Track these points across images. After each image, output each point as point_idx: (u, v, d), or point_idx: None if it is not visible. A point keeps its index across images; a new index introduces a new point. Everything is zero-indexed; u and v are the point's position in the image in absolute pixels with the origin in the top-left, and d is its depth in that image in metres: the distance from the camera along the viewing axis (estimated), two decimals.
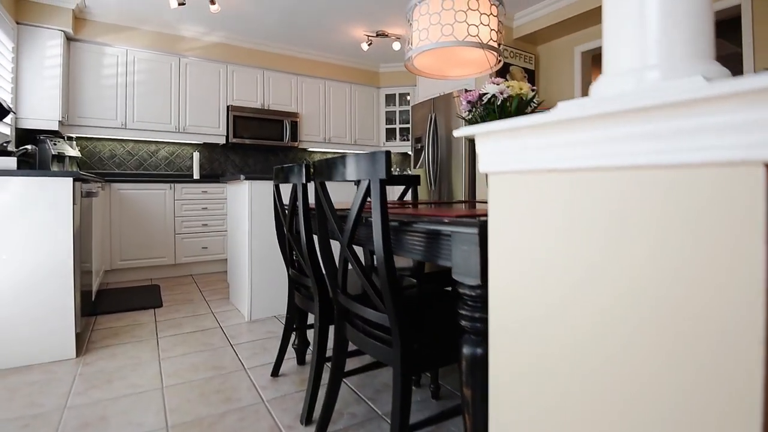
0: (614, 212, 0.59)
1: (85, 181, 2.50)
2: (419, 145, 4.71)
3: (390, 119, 5.77)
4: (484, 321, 0.96)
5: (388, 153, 1.14)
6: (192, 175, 4.59)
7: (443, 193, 4.37)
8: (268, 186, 2.89)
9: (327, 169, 1.36)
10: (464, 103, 2.03)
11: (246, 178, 2.77)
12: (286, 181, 1.73)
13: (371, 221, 1.14)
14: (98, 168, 4.28)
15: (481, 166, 0.83)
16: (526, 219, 0.74)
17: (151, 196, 3.97)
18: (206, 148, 4.83)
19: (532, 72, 4.40)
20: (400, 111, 5.70)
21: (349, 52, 5.14)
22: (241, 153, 5.06)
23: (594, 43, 3.89)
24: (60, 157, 3.76)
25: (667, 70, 0.60)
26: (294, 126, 4.97)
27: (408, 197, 4.82)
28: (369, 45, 4.50)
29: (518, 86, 1.93)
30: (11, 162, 2.06)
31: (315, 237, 1.59)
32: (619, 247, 0.58)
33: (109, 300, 3.20)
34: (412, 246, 1.19)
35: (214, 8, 3.52)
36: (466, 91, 3.65)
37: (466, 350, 0.99)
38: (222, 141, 4.64)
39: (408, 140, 5.71)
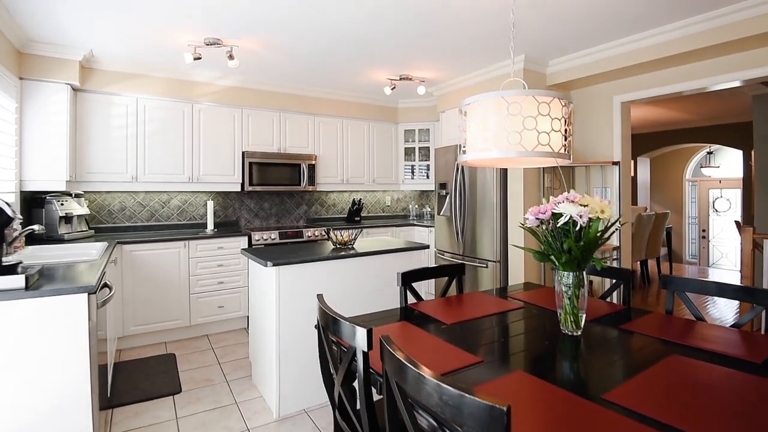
0: None
1: (101, 285, 2.27)
2: (444, 191, 4.47)
3: (409, 155, 5.52)
4: None
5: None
6: (206, 224, 4.36)
7: (470, 243, 4.13)
8: (298, 271, 2.65)
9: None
10: (531, 217, 1.79)
11: (273, 264, 2.54)
12: (336, 334, 1.48)
13: None
14: (107, 222, 4.06)
15: None
16: None
17: (164, 255, 3.74)
18: (220, 195, 4.60)
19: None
20: (419, 147, 5.46)
21: (369, 91, 4.89)
22: (256, 198, 4.83)
23: (634, 94, 3.64)
24: (68, 218, 3.53)
25: None
26: (311, 169, 4.73)
27: (453, 286, 4.55)
28: (393, 89, 4.26)
29: (599, 207, 1.69)
30: (18, 281, 1.82)
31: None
32: None
33: (124, 382, 2.97)
34: None
35: (233, 64, 3.28)
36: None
37: None
38: (237, 188, 4.41)
39: (427, 177, 5.46)
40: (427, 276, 2.34)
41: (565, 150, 1.78)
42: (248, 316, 4.09)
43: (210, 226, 4.27)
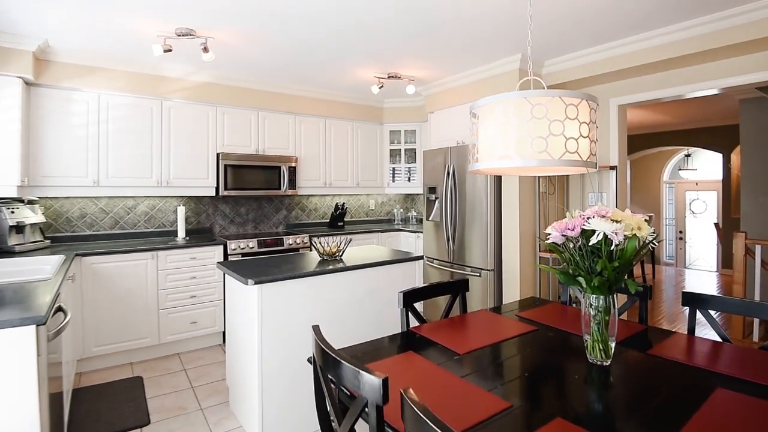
0: None
1: (58, 310, 1.94)
2: (433, 196, 4.26)
3: (394, 156, 5.29)
4: None
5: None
6: (176, 232, 4.01)
7: (461, 251, 3.94)
8: (283, 288, 2.38)
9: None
10: (556, 233, 1.59)
11: (255, 282, 2.26)
12: (338, 379, 1.23)
13: None
14: (66, 230, 3.66)
15: None
16: None
17: (130, 268, 3.39)
18: (192, 200, 4.26)
19: None
20: (406, 149, 5.24)
21: (354, 89, 4.64)
22: (232, 203, 4.50)
23: (631, 97, 3.53)
24: (19, 228, 3.14)
25: None
26: (292, 172, 4.44)
27: (456, 305, 4.33)
28: (380, 88, 4.02)
29: (635, 223, 1.50)
30: None
31: None
32: None
33: (85, 412, 2.63)
34: None
35: (207, 57, 2.97)
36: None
37: None
38: (211, 193, 4.08)
39: (408, 180, 5.25)
40: (429, 294, 2.12)
41: (593, 157, 1.59)
42: (224, 332, 3.78)
43: (181, 233, 3.93)
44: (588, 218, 1.52)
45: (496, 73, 3.70)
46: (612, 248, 1.48)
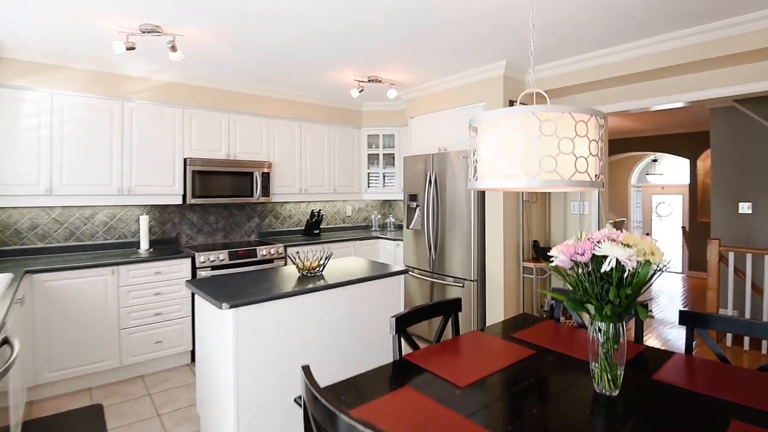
0: None
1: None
2: (414, 203, 4.14)
3: (372, 161, 5.15)
4: None
5: None
6: (139, 243, 3.72)
7: (444, 260, 3.84)
8: (260, 311, 2.19)
9: None
10: (564, 257, 1.49)
11: (230, 306, 2.06)
12: None
13: None
14: (14, 243, 3.32)
15: None
16: None
17: (87, 285, 3.10)
18: (156, 209, 3.97)
19: None
20: (384, 153, 5.10)
21: (332, 92, 4.46)
22: (200, 211, 4.23)
23: (614, 106, 3.51)
24: None
25: None
26: (266, 178, 4.21)
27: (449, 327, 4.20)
28: (360, 91, 3.86)
29: (648, 248, 1.41)
30: None
31: None
32: None
33: None
34: None
35: (175, 56, 2.74)
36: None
37: None
38: (178, 201, 3.81)
39: (384, 186, 5.11)
40: (422, 317, 1.99)
41: (601, 177, 1.50)
42: (192, 351, 3.54)
43: (144, 244, 3.65)
44: (598, 242, 1.43)
45: (480, 78, 3.61)
46: (625, 274, 1.39)
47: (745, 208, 4.45)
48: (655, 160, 8.52)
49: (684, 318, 1.97)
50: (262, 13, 2.52)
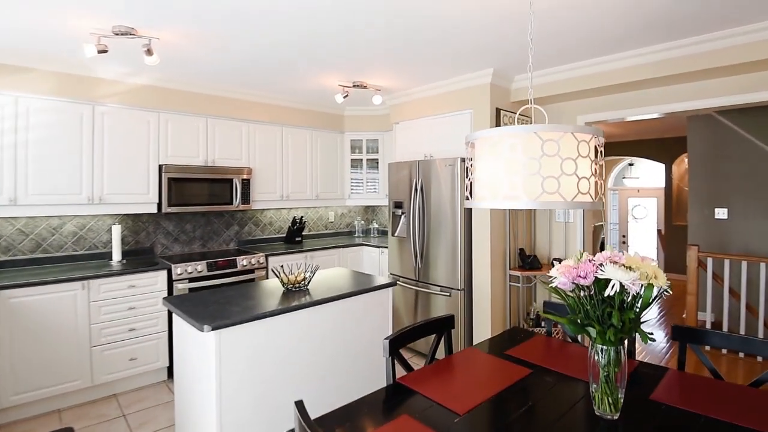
0: None
1: None
2: (399, 210, 4.08)
3: (356, 167, 5.06)
4: None
5: None
6: (111, 254, 3.53)
7: (430, 269, 3.79)
8: (244, 331, 2.09)
9: None
10: (564, 279, 1.44)
11: (213, 327, 1.95)
12: None
13: None
14: None
15: None
16: None
17: (56, 301, 2.92)
18: (129, 218, 3.78)
19: None
20: (368, 159, 5.02)
21: (315, 96, 4.35)
22: (176, 220, 4.06)
23: (598, 115, 3.53)
24: None
25: None
26: (246, 184, 4.08)
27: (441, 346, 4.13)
28: (345, 97, 3.76)
29: (652, 272, 1.38)
30: None
31: None
32: None
33: None
34: None
35: (151, 60, 2.59)
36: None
37: None
38: (153, 210, 3.63)
39: (371, 191, 5.04)
40: (415, 337, 1.92)
41: (601, 197, 1.46)
42: (168, 367, 3.40)
43: (116, 255, 3.47)
44: (601, 265, 1.39)
45: (467, 86, 3.57)
46: (629, 299, 1.36)
47: (720, 213, 4.56)
48: (631, 164, 8.71)
49: (677, 333, 1.96)
50: (244, 16, 2.41)
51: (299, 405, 1.21)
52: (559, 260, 3.69)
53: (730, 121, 4.08)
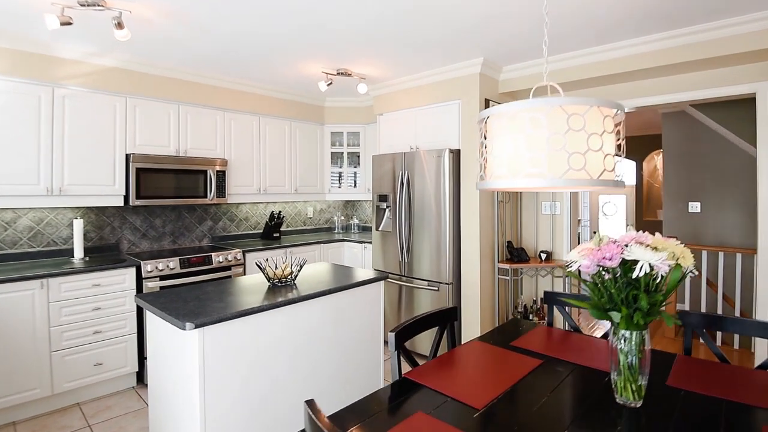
0: None
1: None
2: (384, 204, 3.96)
3: (336, 160, 4.90)
4: None
5: None
6: (72, 251, 3.24)
7: (417, 263, 3.69)
8: (229, 329, 1.92)
9: None
10: (587, 261, 1.36)
11: (196, 325, 1.77)
12: None
13: None
14: None
15: None
16: None
17: (10, 301, 2.63)
18: (93, 211, 3.49)
19: None
20: (348, 152, 4.87)
21: (295, 84, 4.17)
22: (144, 213, 3.78)
23: None
24: None
25: None
26: (220, 177, 3.85)
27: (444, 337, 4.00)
28: (329, 85, 3.60)
29: (679, 252, 1.32)
30: None
31: None
32: None
33: None
34: None
35: (121, 34, 2.36)
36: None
37: None
38: (119, 202, 3.37)
39: (355, 186, 4.91)
40: (419, 329, 1.81)
41: (623, 177, 1.40)
42: (138, 372, 3.15)
43: (78, 252, 3.18)
44: (626, 246, 1.32)
45: (456, 75, 3.48)
46: (658, 280, 1.29)
47: (694, 207, 4.68)
48: None
49: (682, 318, 1.94)
50: None
51: (310, 403, 1.07)
52: (547, 253, 3.68)
53: (707, 115, 4.18)
